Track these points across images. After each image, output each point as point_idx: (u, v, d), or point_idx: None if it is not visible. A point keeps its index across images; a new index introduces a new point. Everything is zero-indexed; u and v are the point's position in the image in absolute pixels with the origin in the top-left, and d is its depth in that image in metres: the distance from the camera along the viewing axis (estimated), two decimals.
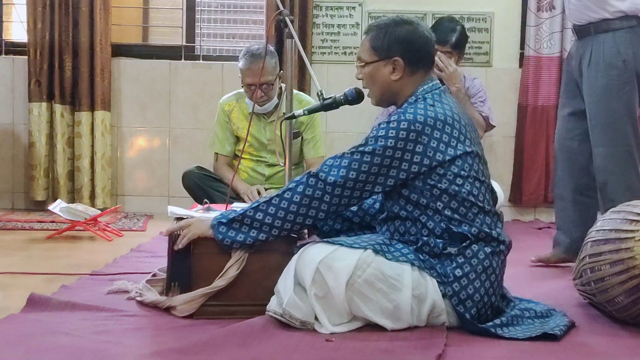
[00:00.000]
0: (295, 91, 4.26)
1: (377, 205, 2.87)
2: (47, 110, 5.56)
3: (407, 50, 2.69)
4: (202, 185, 4.41)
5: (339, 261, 2.50)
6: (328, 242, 2.58)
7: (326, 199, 2.59)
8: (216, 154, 4.57)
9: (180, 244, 2.71)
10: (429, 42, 2.73)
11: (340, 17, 5.65)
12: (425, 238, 2.60)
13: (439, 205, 2.59)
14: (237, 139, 4.55)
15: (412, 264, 2.55)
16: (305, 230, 2.87)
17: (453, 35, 4.70)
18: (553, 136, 5.52)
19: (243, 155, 4.46)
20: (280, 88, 4.38)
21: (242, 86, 4.33)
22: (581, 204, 3.84)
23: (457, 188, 2.58)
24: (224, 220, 2.66)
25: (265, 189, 4.32)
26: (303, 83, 5.52)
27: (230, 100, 4.54)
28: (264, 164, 4.49)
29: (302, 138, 4.46)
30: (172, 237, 2.79)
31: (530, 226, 5.39)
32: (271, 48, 4.36)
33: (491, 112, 4.92)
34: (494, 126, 4.98)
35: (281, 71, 3.68)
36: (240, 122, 4.48)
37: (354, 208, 2.91)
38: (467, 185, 2.60)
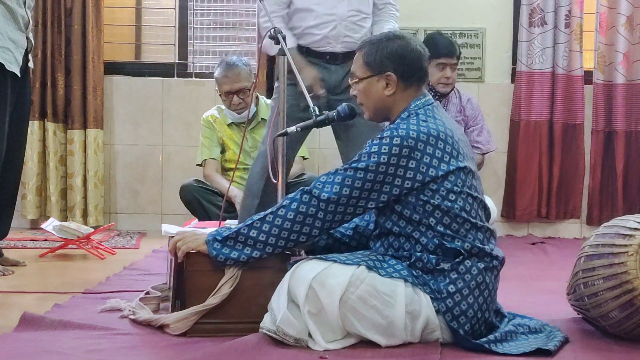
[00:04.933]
0: (261, 96, 4.95)
1: (371, 227, 2.85)
2: (39, 129, 5.55)
3: (399, 64, 2.70)
4: (199, 199, 4.50)
5: (332, 278, 2.49)
6: (321, 258, 2.57)
7: (320, 216, 2.59)
8: (204, 161, 4.85)
9: (179, 259, 2.70)
10: (422, 56, 2.73)
11: None
12: (418, 254, 2.59)
13: (432, 221, 2.59)
14: (223, 149, 4.88)
15: (406, 280, 2.54)
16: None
17: (456, 45, 4.74)
18: (546, 151, 5.58)
19: (231, 166, 4.77)
20: (257, 97, 4.83)
21: (220, 95, 4.72)
22: None
23: (449, 204, 2.58)
24: (218, 237, 2.65)
25: None
26: None
27: (211, 113, 4.96)
28: None
29: None
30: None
31: (524, 241, 5.39)
32: (245, 59, 4.79)
33: (489, 141, 4.93)
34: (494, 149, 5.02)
35: (256, 76, 3.83)
36: (225, 131, 4.86)
37: (351, 232, 2.90)
38: (460, 201, 2.59)
